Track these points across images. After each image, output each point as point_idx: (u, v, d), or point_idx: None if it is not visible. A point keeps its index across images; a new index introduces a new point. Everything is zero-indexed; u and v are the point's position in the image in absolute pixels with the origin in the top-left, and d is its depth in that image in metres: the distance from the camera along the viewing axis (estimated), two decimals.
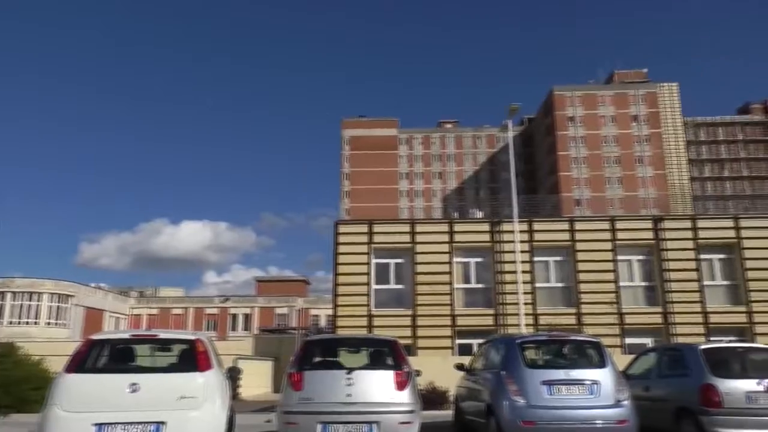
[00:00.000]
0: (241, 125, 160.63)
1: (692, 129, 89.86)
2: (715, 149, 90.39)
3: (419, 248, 22.43)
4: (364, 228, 22.89)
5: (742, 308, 22.21)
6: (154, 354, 8.20)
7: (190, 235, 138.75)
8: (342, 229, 23.05)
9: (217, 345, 8.77)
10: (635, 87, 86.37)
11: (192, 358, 6.95)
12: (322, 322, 61.25)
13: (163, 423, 6.40)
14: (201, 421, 6.59)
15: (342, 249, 22.53)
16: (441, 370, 14.66)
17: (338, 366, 8.04)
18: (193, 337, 7.30)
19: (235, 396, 13.22)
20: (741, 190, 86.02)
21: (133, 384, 6.49)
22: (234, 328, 63.05)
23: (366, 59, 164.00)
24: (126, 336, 7.79)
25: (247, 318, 64.18)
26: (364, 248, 22.48)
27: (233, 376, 11.43)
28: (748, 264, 22.45)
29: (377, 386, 7.59)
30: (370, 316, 21.81)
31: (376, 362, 8.31)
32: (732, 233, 22.87)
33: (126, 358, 7.28)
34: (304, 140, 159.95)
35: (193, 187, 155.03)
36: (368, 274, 22.29)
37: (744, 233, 22.80)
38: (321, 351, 8.72)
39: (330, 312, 32.08)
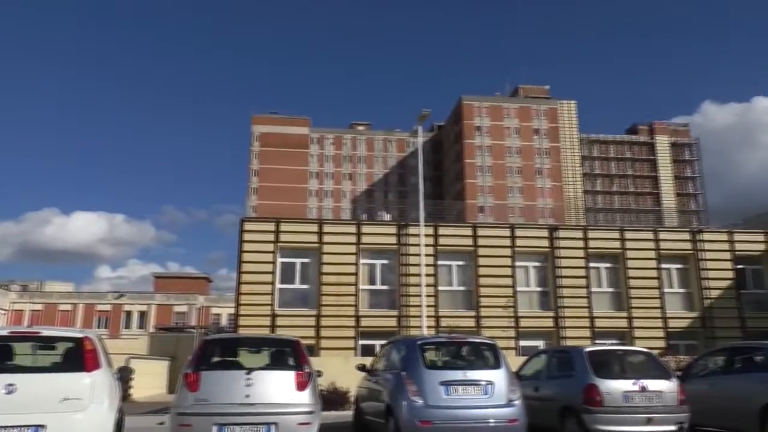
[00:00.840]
0: (145, 112, 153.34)
1: (587, 145, 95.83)
2: (606, 165, 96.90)
3: (326, 248, 22.38)
4: (271, 226, 22.54)
5: (624, 314, 23.92)
6: (36, 353, 7.65)
7: (83, 227, 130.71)
8: (248, 226, 22.58)
9: (108, 344, 8.32)
10: (538, 102, 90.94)
11: (78, 358, 6.55)
12: (224, 321, 59.64)
13: (42, 426, 6.01)
14: (85, 423, 6.23)
15: (247, 247, 22.06)
16: (343, 370, 14.70)
17: (237, 366, 7.87)
18: (80, 335, 6.89)
19: (125, 397, 12.59)
20: (627, 204, 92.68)
21: (10, 385, 6.05)
22: (128, 326, 60.02)
23: (280, 56, 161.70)
24: (4, 333, 7.21)
25: (143, 316, 61.29)
26: (270, 247, 22.12)
27: (124, 376, 10.87)
28: (630, 273, 24.24)
29: (277, 387, 7.50)
30: (273, 316, 21.49)
31: (277, 362, 8.20)
32: (618, 244, 24.59)
33: (2, 357, 6.73)
34: (212, 133, 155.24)
35: (88, 176, 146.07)
36: (273, 273, 21.97)
37: (628, 244, 24.59)
38: (220, 351, 8.50)
39: (232, 311, 31.27)
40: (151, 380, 26.66)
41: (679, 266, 25.29)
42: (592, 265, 24.36)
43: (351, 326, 21.86)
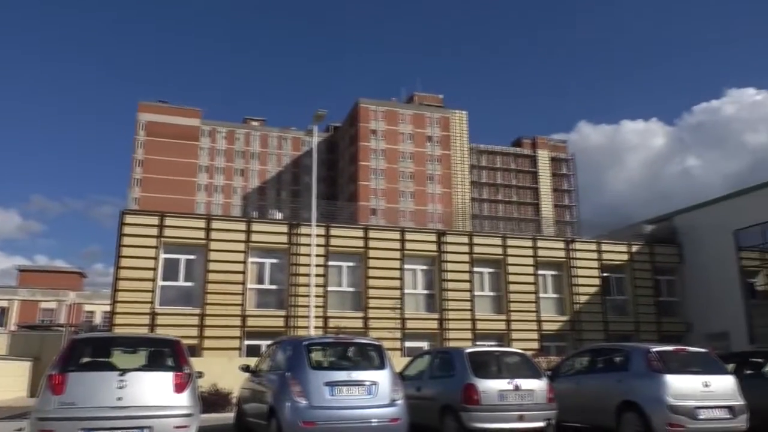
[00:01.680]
0: (14, 91, 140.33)
1: (476, 155, 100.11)
2: (492, 175, 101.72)
3: (214, 245, 21.65)
4: (155, 220, 21.44)
5: (503, 317, 25.20)
6: None
7: None
8: (129, 219, 21.31)
9: None
10: (432, 110, 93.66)
11: None
12: (98, 320, 55.91)
13: None
14: None
15: (127, 241, 20.82)
16: (226, 371, 14.29)
17: (110, 367, 7.42)
18: None
19: None
20: (510, 212, 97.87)
21: None
22: None
23: (170, 44, 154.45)
24: None
25: (4, 312, 56.01)
26: (152, 242, 21.03)
27: None
28: (510, 278, 25.59)
29: (153, 389, 7.15)
30: (153, 315, 20.44)
31: (154, 363, 7.82)
32: (500, 250, 25.87)
33: None
34: (91, 119, 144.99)
35: None
36: (155, 269, 20.90)
37: (509, 251, 25.95)
38: (91, 351, 7.97)
39: (108, 309, 29.34)
40: (11, 383, 24.42)
41: (553, 273, 27.03)
42: (476, 269, 25.43)
43: (237, 326, 21.29)
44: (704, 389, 8.87)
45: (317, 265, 21.16)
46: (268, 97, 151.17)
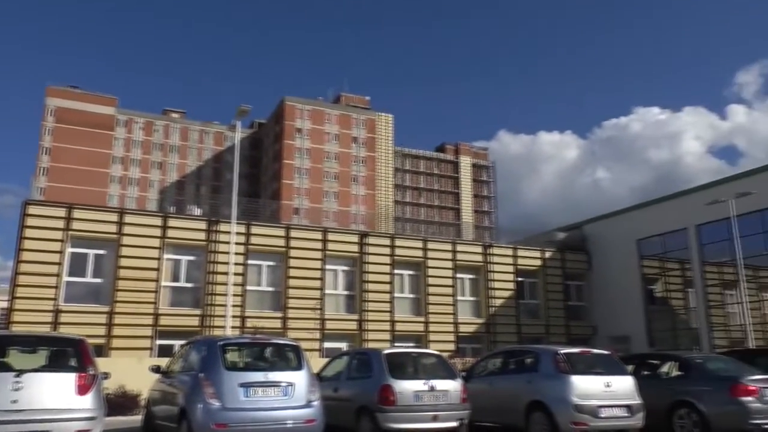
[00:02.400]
0: None
1: (400, 158, 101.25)
2: (416, 178, 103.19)
3: (126, 240, 20.71)
4: (62, 212, 20.26)
5: (422, 318, 25.61)
6: None
7: None
8: (33, 210, 20.01)
9: None
10: (358, 112, 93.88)
11: None
12: None
13: None
14: None
15: (30, 233, 19.54)
16: (135, 372, 13.68)
17: (4, 368, 6.92)
18: None
19: None
20: (432, 216, 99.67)
21: None
22: None
23: (84, 28, 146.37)
24: None
25: None
26: (58, 234, 19.86)
27: None
28: (430, 280, 26.05)
29: (53, 391, 6.75)
30: (57, 312, 19.29)
31: (55, 364, 7.37)
32: (420, 253, 26.29)
33: None
34: None
35: None
36: (60, 264, 19.74)
37: (429, 254, 26.41)
38: None
39: (5, 305, 27.41)
40: None
41: (471, 276, 27.76)
42: (396, 271, 25.70)
43: (148, 325, 20.46)
44: (606, 389, 9.37)
45: (236, 264, 20.66)
46: (190, 90, 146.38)
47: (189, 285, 21.88)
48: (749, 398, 9.70)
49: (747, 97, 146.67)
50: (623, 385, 9.59)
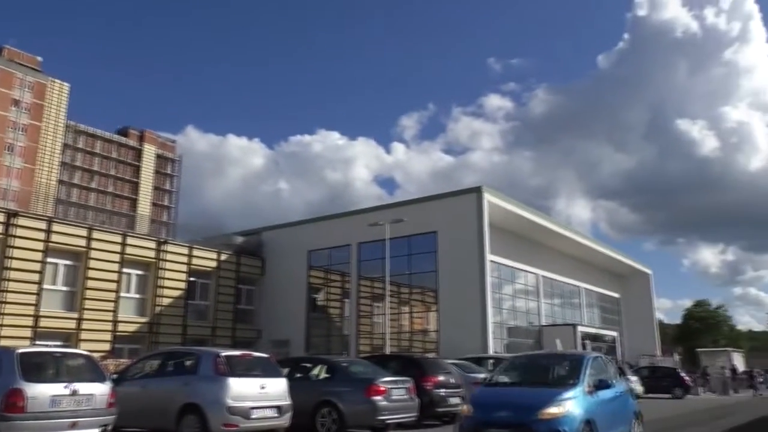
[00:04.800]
0: None
1: (73, 134, 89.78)
2: (89, 160, 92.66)
3: None
4: None
5: (75, 314, 22.99)
6: None
7: None
8: None
9: None
10: (25, 71, 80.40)
11: None
12: None
13: None
14: None
15: None
16: None
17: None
18: None
19: None
20: (103, 204, 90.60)
21: None
22: None
23: None
24: None
25: None
26: None
27: None
28: (91, 273, 23.61)
29: None
30: None
31: None
32: (83, 242, 23.67)
33: None
34: None
35: None
36: None
37: (94, 244, 23.96)
38: None
39: None
40: None
41: (140, 272, 26.11)
42: (50, 260, 22.65)
43: None
44: (261, 391, 9.75)
45: None
46: None
47: None
48: (379, 397, 11.18)
49: (407, 138, 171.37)
50: (277, 387, 10.09)
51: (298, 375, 12.47)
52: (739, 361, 40.23)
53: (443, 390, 13.31)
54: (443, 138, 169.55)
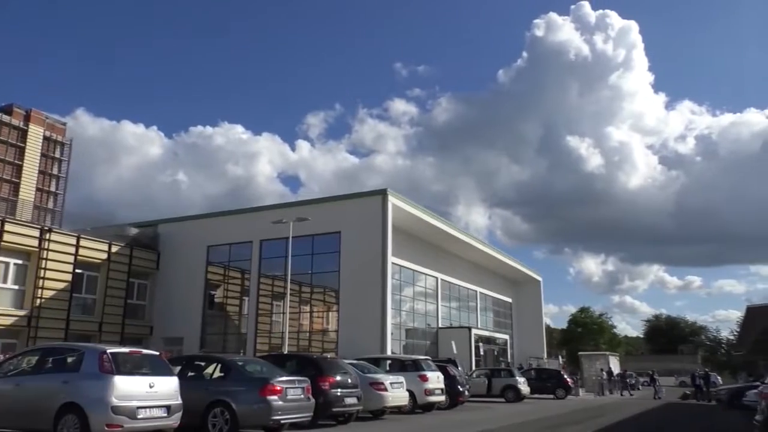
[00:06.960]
0: None
1: None
2: None
3: None
4: None
5: None
6: None
7: None
8: None
9: None
10: None
11: None
12: None
13: None
14: None
15: None
16: None
17: None
18: None
19: None
20: None
21: None
22: None
23: None
24: None
25: None
26: None
27: None
28: None
29: None
30: None
31: None
32: None
33: None
34: None
35: None
36: None
37: None
38: None
39: None
40: None
41: (19, 262, 24.26)
42: None
43: None
44: (149, 390, 9.33)
45: None
46: None
47: None
48: (274, 397, 11.05)
49: (312, 136, 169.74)
50: (167, 386, 9.71)
51: (191, 374, 12.10)
52: (614, 364, 43.39)
53: (340, 390, 13.40)
54: (348, 139, 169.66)
